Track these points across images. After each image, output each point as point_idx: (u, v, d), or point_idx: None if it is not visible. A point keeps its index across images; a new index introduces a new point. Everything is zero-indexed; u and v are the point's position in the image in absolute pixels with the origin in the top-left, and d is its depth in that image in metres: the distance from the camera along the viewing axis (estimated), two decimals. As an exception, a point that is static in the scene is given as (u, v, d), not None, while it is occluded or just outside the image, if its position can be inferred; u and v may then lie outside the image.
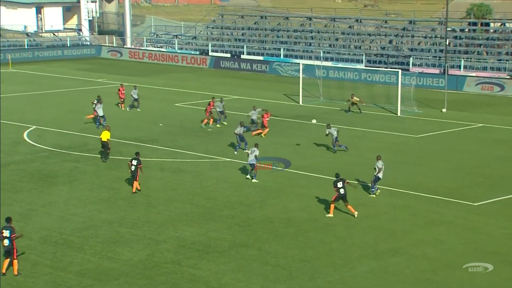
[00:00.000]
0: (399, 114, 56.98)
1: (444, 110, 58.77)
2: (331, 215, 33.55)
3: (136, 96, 58.08)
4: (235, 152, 44.53)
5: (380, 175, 36.31)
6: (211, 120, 52.14)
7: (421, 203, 35.58)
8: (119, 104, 58.71)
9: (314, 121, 52.51)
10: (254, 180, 38.95)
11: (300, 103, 60.98)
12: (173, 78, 77.01)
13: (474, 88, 67.96)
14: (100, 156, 43.71)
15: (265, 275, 27.45)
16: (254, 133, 48.88)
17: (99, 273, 27.61)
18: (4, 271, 27.46)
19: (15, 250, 27.47)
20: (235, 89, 67.48)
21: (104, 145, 43.26)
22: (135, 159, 37.20)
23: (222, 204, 35.42)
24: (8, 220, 27.90)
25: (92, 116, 52.46)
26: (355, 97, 56.86)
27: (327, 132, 44.67)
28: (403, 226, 32.52)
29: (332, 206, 33.76)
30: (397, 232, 31.80)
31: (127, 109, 58.30)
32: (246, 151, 41.46)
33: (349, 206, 33.44)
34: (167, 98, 64.18)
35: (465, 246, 30.25)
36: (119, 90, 58.95)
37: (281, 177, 39.80)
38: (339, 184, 33.27)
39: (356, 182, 35.92)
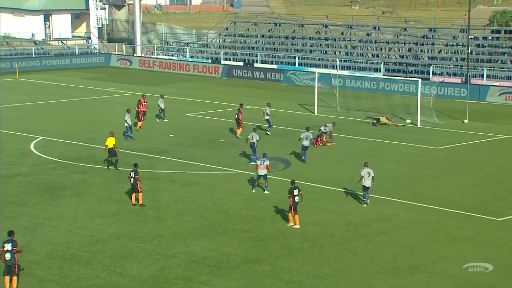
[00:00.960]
0: (419, 125, 56.02)
1: (466, 121, 57.75)
2: (291, 224, 33.54)
3: (162, 106, 57.20)
4: (250, 163, 43.57)
5: (367, 183, 35.81)
6: (241, 129, 51.20)
7: (442, 218, 34.83)
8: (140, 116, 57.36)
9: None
10: (266, 192, 38.44)
11: (316, 113, 60.16)
12: (184, 87, 76.38)
13: (498, 98, 66.85)
14: (106, 165, 43.18)
15: (279, 292, 27.01)
16: (329, 144, 48.69)
17: (107, 289, 27.26)
18: (7, 289, 26.95)
19: (16, 265, 26.90)
20: (248, 98, 66.67)
21: (111, 152, 42.62)
22: (133, 171, 36.63)
23: (234, 218, 34.85)
24: (10, 233, 27.49)
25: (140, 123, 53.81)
26: (384, 117, 55.94)
27: (303, 136, 44.41)
28: (423, 242, 31.85)
29: (290, 215, 33.72)
30: (417, 248, 31.14)
31: (164, 120, 57.25)
32: (252, 163, 41.49)
33: (296, 216, 33.39)
34: (178, 108, 63.39)
35: (489, 263, 29.47)
36: (140, 101, 57.56)
37: (296, 190, 38.94)
38: (295, 192, 33.25)
39: (303, 204, 34.54)
